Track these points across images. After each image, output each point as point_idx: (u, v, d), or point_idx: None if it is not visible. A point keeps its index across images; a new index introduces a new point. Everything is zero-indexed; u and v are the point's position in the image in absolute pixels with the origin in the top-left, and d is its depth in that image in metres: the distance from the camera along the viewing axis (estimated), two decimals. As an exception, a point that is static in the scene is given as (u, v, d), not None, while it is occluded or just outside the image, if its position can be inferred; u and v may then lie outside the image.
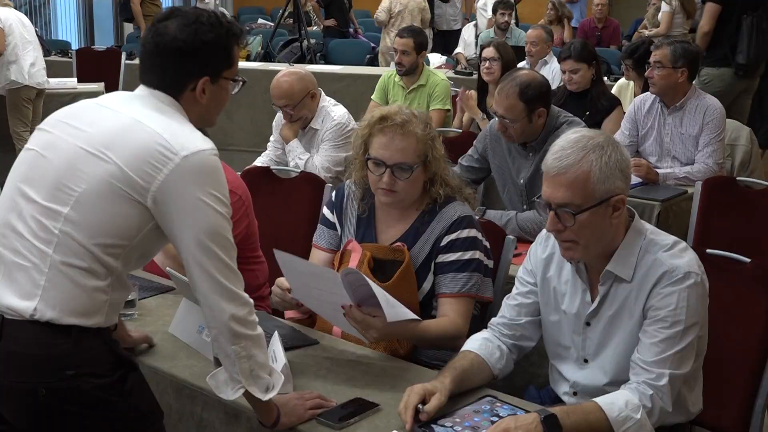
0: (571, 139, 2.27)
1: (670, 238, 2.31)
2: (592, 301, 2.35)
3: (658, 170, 4.43)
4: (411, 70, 5.66)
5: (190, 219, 1.97)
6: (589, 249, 2.28)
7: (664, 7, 8.37)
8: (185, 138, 2.00)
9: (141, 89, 2.12)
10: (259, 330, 2.08)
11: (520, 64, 6.05)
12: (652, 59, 4.56)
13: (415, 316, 2.51)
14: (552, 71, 6.36)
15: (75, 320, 1.96)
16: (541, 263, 2.47)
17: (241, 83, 2.20)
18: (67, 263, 1.96)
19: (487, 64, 5.41)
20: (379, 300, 2.36)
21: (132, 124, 2.01)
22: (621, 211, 2.24)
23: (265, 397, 2.07)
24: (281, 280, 2.68)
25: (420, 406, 2.14)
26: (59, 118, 2.11)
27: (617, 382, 2.30)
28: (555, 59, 6.46)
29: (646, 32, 8.44)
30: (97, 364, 2.01)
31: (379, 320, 2.42)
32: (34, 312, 1.95)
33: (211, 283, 1.99)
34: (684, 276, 2.20)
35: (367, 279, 2.36)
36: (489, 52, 5.39)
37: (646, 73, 4.63)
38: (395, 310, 2.43)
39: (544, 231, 2.50)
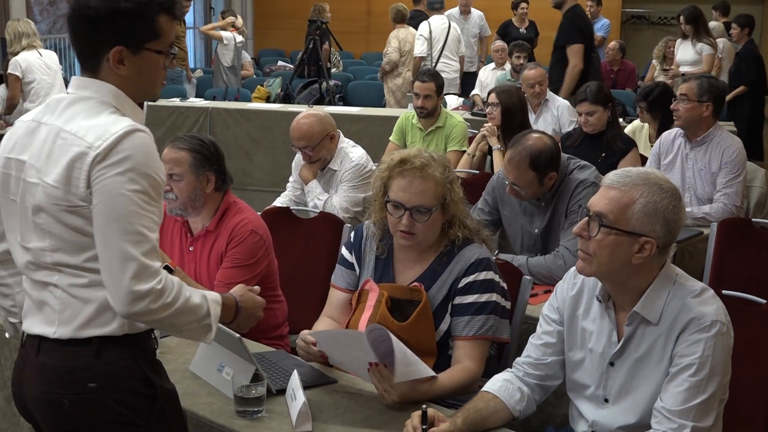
0: (641, 169, 2.32)
1: (699, 285, 2.30)
2: (618, 341, 2.35)
3: None
4: (431, 113, 5.70)
5: (108, 205, 1.94)
6: (600, 270, 2.28)
7: (708, 49, 8.52)
8: (100, 128, 1.97)
9: (73, 79, 2.11)
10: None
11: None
12: (678, 92, 4.58)
13: (430, 372, 2.51)
14: (558, 109, 6.35)
15: (93, 331, 2.03)
16: (569, 301, 2.48)
17: (171, 56, 2.14)
18: (71, 284, 2.04)
19: (488, 109, 5.48)
20: (395, 356, 2.38)
21: (54, 136, 2.02)
22: (647, 254, 2.23)
23: (210, 336, 2.12)
24: (305, 334, 2.70)
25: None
26: (7, 154, 2.13)
27: (638, 425, 2.29)
28: (555, 96, 6.47)
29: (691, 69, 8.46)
30: (122, 379, 2.05)
31: (403, 385, 2.44)
32: (53, 334, 2.04)
33: (125, 262, 1.93)
34: (711, 324, 2.20)
35: (391, 335, 2.38)
36: (491, 97, 5.46)
37: (671, 106, 4.64)
38: (409, 369, 2.44)
39: (572, 270, 2.51)
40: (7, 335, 2.42)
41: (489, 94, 5.59)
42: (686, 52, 8.63)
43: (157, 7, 2.05)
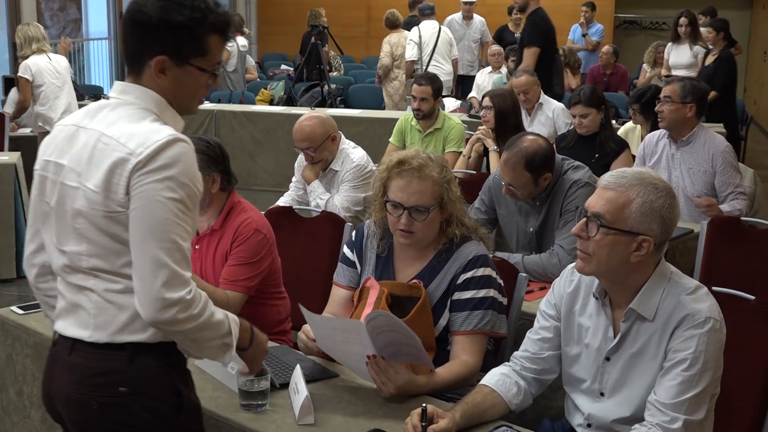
0: (636, 170, 2.32)
1: (693, 282, 2.31)
2: (614, 337, 2.35)
3: None
4: (428, 115, 5.70)
5: (144, 211, 1.91)
6: (599, 269, 2.29)
7: (703, 52, 8.57)
8: (142, 136, 1.93)
9: (116, 84, 2.08)
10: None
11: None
12: (662, 94, 4.60)
13: (431, 364, 2.53)
14: (553, 112, 6.35)
15: (128, 337, 1.99)
16: (566, 297, 2.48)
17: (215, 76, 2.10)
18: (107, 289, 1.99)
19: (482, 113, 5.46)
20: (406, 338, 2.39)
21: (95, 141, 1.97)
22: (645, 252, 2.24)
23: (229, 355, 2.09)
24: (307, 329, 2.71)
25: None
26: (46, 157, 2.08)
27: (632, 418, 2.29)
28: (549, 99, 6.47)
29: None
30: (152, 386, 2.02)
31: (399, 377, 2.44)
32: (89, 337, 2.01)
33: (157, 268, 1.90)
34: (704, 321, 2.20)
35: (396, 319, 2.38)
36: (485, 101, 5.44)
37: (656, 108, 4.66)
38: (422, 354, 2.46)
39: (569, 267, 2.52)
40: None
41: (483, 97, 5.59)
42: (681, 56, 8.62)
43: (209, 26, 2.00)
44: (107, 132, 1.96)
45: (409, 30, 9.80)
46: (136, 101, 2.02)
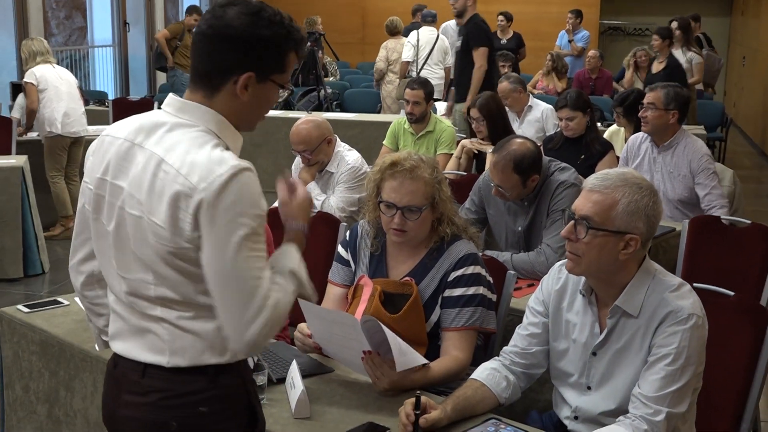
0: (618, 171, 2.32)
1: (676, 280, 2.31)
2: (601, 332, 2.34)
3: None
4: (421, 118, 5.69)
5: (219, 256, 1.77)
6: (590, 269, 2.28)
7: (697, 59, 8.61)
8: (204, 168, 1.77)
9: (172, 99, 1.90)
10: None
11: (508, 108, 6.08)
12: (645, 100, 4.60)
13: (423, 360, 2.51)
14: (542, 113, 6.35)
15: (210, 360, 1.87)
16: (554, 294, 2.47)
17: (287, 92, 2.01)
18: (179, 317, 1.86)
19: (475, 125, 5.39)
20: (391, 346, 2.36)
21: (155, 167, 1.80)
22: (632, 250, 2.24)
23: (298, 286, 2.01)
24: (302, 326, 2.69)
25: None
26: (99, 175, 1.91)
27: (618, 411, 2.29)
28: (539, 102, 6.46)
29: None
30: (230, 403, 1.91)
31: (394, 372, 2.43)
32: (167, 363, 1.87)
33: (242, 310, 1.81)
34: (687, 317, 2.20)
35: (384, 327, 2.37)
36: (474, 113, 5.34)
37: (639, 113, 4.66)
38: (406, 357, 2.43)
39: (556, 265, 2.51)
40: (97, 348, 2.25)
41: (469, 110, 5.51)
42: None
43: (292, 42, 1.89)
44: (167, 159, 1.79)
45: (407, 37, 9.85)
46: (197, 122, 1.85)
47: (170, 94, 1.91)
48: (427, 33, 9.68)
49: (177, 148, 1.81)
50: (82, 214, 2.02)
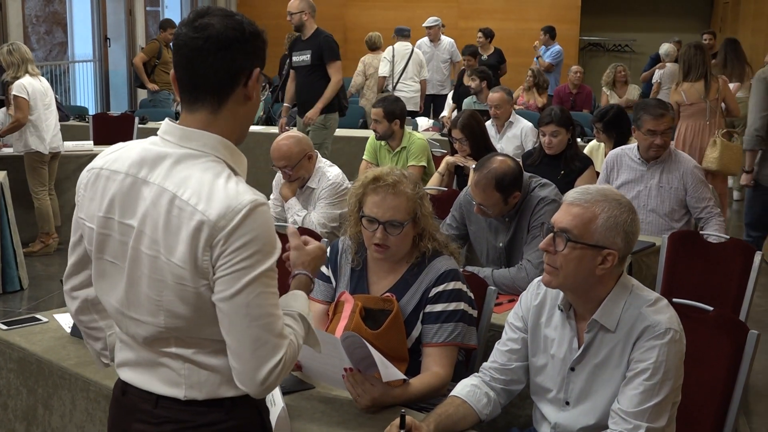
0: (599, 187, 2.33)
1: (653, 294, 2.32)
2: (579, 347, 2.35)
3: None
4: (386, 136, 5.69)
5: (234, 294, 1.73)
6: (566, 282, 2.29)
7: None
8: (221, 203, 1.70)
9: (170, 127, 1.82)
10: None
11: (487, 123, 6.10)
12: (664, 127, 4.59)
13: (403, 376, 2.50)
14: (522, 130, 6.38)
15: (227, 393, 1.83)
16: (533, 310, 2.48)
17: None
18: (194, 353, 1.82)
19: (457, 145, 5.40)
20: (375, 359, 2.36)
21: (168, 205, 1.74)
22: (609, 265, 2.25)
23: (307, 334, 1.93)
24: None
25: None
26: (102, 214, 1.83)
27: (597, 426, 2.30)
28: (520, 119, 6.50)
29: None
30: None
31: (376, 389, 2.42)
32: (184, 397, 1.83)
33: (256, 348, 1.77)
34: (665, 332, 2.21)
35: (365, 342, 2.37)
36: (456, 133, 5.34)
37: (634, 135, 4.69)
38: (389, 370, 2.43)
39: (535, 281, 2.52)
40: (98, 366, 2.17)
41: (450, 131, 5.51)
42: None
43: (264, 36, 1.85)
44: (180, 194, 1.73)
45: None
46: (204, 150, 1.77)
47: (166, 120, 1.84)
48: (401, 47, 9.90)
49: (188, 182, 1.74)
50: (78, 247, 1.96)
